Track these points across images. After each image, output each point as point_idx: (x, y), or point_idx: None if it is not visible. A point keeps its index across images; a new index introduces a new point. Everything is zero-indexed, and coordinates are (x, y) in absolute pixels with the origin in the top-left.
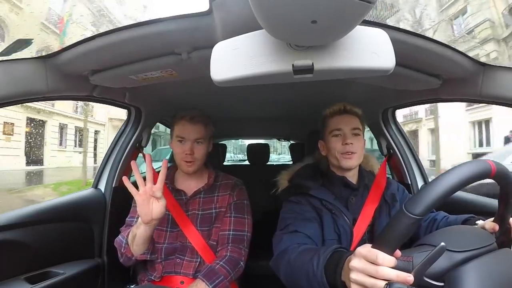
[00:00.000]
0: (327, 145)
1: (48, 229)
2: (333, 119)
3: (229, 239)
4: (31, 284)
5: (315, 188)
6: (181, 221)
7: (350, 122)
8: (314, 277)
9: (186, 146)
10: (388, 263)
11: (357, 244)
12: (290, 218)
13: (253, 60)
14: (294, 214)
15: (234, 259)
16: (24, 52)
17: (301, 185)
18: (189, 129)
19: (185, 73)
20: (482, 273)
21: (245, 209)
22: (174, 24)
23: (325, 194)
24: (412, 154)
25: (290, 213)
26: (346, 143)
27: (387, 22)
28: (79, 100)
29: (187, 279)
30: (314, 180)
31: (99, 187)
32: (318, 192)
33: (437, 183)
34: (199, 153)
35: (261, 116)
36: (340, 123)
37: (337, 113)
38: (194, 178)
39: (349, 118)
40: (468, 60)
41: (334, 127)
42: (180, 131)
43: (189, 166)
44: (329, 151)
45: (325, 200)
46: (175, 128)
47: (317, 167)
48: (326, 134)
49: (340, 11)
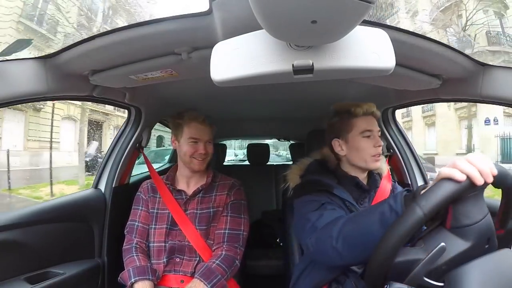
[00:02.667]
0: (355, 145)
1: (48, 229)
2: (363, 119)
3: (225, 238)
4: (31, 284)
5: (336, 187)
6: (180, 221)
7: (376, 123)
8: (393, 213)
9: (200, 146)
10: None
11: None
12: (323, 201)
13: (253, 60)
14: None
15: (230, 257)
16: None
17: (320, 182)
18: (203, 131)
19: (185, 73)
20: (482, 273)
21: (242, 209)
22: (174, 24)
23: (346, 195)
24: (412, 154)
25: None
26: (379, 145)
27: (387, 22)
28: (79, 100)
29: (187, 278)
30: (330, 178)
31: (99, 187)
32: (340, 192)
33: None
34: (210, 152)
35: (261, 116)
36: (370, 124)
37: (367, 113)
38: (194, 178)
39: (375, 121)
40: (468, 60)
41: (366, 127)
42: (194, 133)
43: (202, 164)
44: (355, 153)
45: (348, 201)
46: (185, 130)
47: (325, 164)
48: (353, 134)
49: (340, 11)
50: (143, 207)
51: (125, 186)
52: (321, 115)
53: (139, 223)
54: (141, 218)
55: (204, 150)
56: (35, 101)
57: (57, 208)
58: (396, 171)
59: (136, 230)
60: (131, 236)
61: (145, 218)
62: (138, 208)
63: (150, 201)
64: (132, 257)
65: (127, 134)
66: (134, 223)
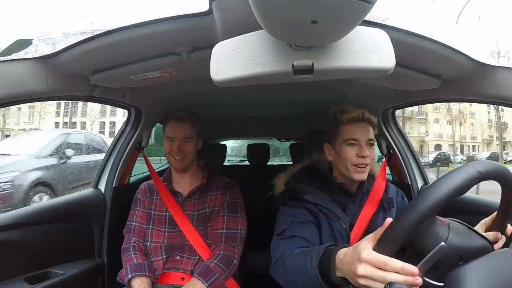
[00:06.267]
0: (339, 153)
1: (48, 229)
2: (349, 127)
3: (222, 237)
4: (31, 284)
5: (310, 192)
6: (180, 221)
7: (367, 132)
8: (310, 278)
9: (174, 145)
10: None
11: None
12: (286, 222)
13: (253, 60)
14: (291, 217)
15: (228, 257)
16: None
17: (295, 190)
18: (177, 129)
19: (185, 73)
20: (482, 273)
21: (239, 208)
22: (174, 24)
23: (319, 198)
24: (412, 154)
25: (286, 217)
26: (362, 156)
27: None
28: (79, 100)
29: (187, 276)
30: (309, 183)
31: (99, 187)
32: (312, 197)
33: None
34: (187, 150)
35: (261, 116)
36: (357, 132)
37: (355, 120)
38: (188, 178)
39: (365, 128)
40: (468, 60)
41: (350, 136)
42: (168, 132)
43: (179, 163)
44: (339, 160)
45: (320, 205)
46: (165, 129)
47: (315, 169)
48: (339, 141)
49: (340, 11)
50: (140, 208)
51: (125, 186)
52: (321, 115)
53: (136, 222)
54: (138, 218)
55: (178, 148)
56: (35, 101)
57: (57, 208)
58: (396, 171)
59: (133, 229)
60: (129, 236)
61: (142, 218)
62: (136, 209)
63: (147, 202)
64: (130, 255)
65: (127, 134)
66: (132, 223)
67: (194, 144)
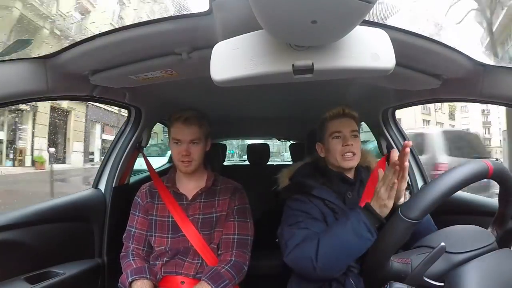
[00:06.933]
0: (327, 146)
1: (48, 229)
2: (333, 122)
3: (234, 244)
4: (31, 284)
5: (317, 187)
6: (183, 225)
7: (349, 125)
8: (362, 224)
9: (182, 148)
10: None
11: None
12: (300, 216)
13: (253, 60)
14: (303, 212)
15: (239, 264)
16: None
17: (303, 184)
18: (184, 131)
19: (185, 73)
20: (482, 273)
21: (247, 213)
22: (174, 24)
23: (327, 194)
24: (412, 154)
25: (300, 211)
26: (346, 144)
27: (387, 22)
28: (79, 100)
29: (188, 280)
30: (315, 179)
31: (99, 187)
32: (320, 192)
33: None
34: (196, 153)
35: (261, 116)
36: (339, 126)
37: (336, 116)
38: (193, 179)
39: (347, 121)
40: (468, 60)
41: (334, 129)
42: (175, 133)
43: (187, 166)
44: (329, 153)
45: (328, 200)
46: (171, 130)
47: (317, 165)
48: (326, 136)
49: (340, 11)
50: (140, 213)
51: (125, 186)
52: (320, 115)
53: (136, 229)
54: (138, 224)
55: (186, 151)
56: (35, 101)
57: (57, 208)
58: None
59: (133, 236)
60: (128, 243)
61: (142, 224)
62: (135, 214)
63: (147, 207)
64: (129, 261)
65: (127, 134)
66: (131, 229)
67: (202, 145)
